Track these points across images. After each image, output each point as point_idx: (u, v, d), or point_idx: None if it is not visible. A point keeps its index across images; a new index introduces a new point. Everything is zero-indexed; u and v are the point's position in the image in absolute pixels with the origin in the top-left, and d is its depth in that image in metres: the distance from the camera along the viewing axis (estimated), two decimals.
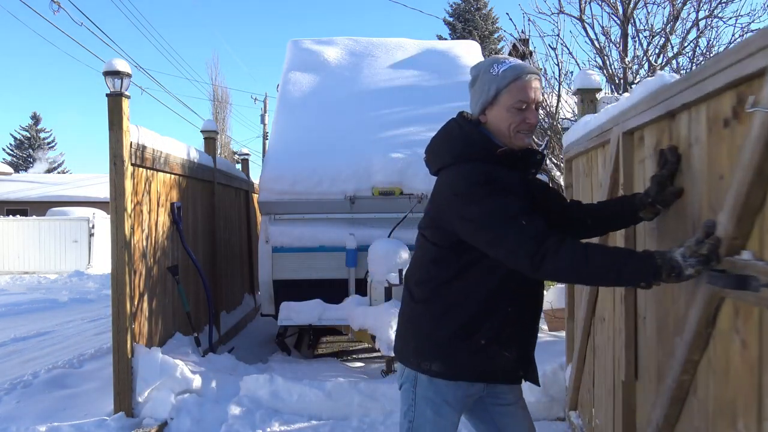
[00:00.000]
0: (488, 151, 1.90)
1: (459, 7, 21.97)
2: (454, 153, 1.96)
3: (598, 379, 3.31)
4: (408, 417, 2.07)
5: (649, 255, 1.64)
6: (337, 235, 5.57)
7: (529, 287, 1.96)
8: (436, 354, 1.94)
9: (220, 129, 27.84)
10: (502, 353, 1.92)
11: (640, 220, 2.07)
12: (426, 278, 2.00)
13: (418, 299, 2.01)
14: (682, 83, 1.86)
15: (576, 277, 1.83)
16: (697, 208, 1.82)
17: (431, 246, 1.99)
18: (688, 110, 1.88)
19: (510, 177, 1.89)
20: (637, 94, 2.32)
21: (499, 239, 1.77)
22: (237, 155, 12.07)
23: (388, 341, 4.61)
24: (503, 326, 1.92)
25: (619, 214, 2.09)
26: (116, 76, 3.99)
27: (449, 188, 1.91)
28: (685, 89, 1.81)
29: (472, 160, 1.90)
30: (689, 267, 1.58)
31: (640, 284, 1.66)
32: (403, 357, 2.06)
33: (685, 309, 1.87)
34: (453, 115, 2.17)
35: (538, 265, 1.70)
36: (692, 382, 1.86)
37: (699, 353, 1.79)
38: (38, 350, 6.64)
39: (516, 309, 1.93)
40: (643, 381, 2.44)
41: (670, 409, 1.97)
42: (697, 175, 1.83)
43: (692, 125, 1.86)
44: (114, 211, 4.04)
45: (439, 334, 1.94)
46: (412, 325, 2.03)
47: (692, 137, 1.86)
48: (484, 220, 1.79)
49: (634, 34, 5.47)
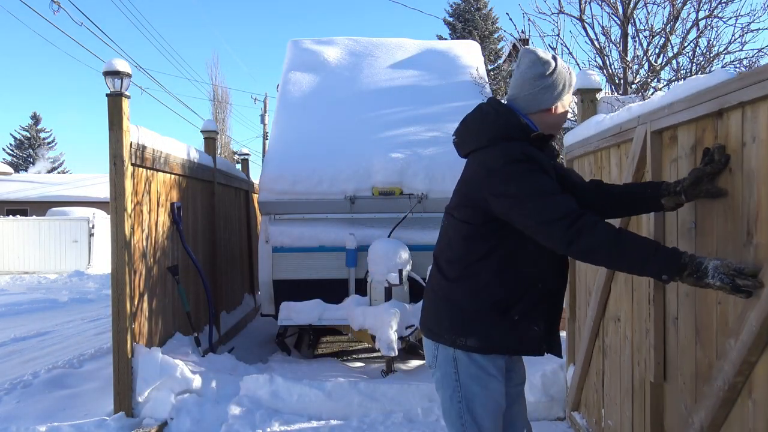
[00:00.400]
0: (525, 133, 2.02)
1: (459, 7, 21.95)
2: (491, 134, 2.03)
3: (609, 379, 3.29)
4: (456, 398, 2.09)
5: (676, 251, 1.72)
6: (337, 235, 5.57)
7: (558, 265, 2.05)
8: (471, 329, 2.01)
9: (220, 129, 27.84)
10: (532, 328, 2.01)
11: (662, 207, 2.10)
12: (458, 256, 2.06)
13: (451, 277, 2.08)
14: (739, 81, 1.83)
15: (605, 256, 1.85)
16: (754, 210, 1.79)
17: (462, 224, 2.06)
18: (742, 108, 1.86)
19: (544, 158, 1.99)
20: (676, 93, 2.30)
21: (537, 214, 1.84)
22: (237, 155, 12.06)
23: (388, 341, 4.61)
24: (534, 303, 2.00)
25: (642, 199, 2.12)
26: (116, 76, 3.99)
27: (485, 167, 1.99)
28: (744, 87, 1.78)
29: (511, 140, 1.99)
30: (716, 281, 1.65)
31: (661, 277, 1.73)
32: (436, 334, 2.11)
33: (739, 310, 1.84)
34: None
35: (572, 240, 1.77)
36: (745, 384, 1.84)
37: (757, 354, 1.76)
38: (38, 350, 6.64)
39: (546, 286, 2.02)
40: (673, 382, 2.42)
41: (719, 411, 1.95)
42: (752, 176, 1.80)
43: (747, 124, 1.84)
44: (114, 211, 4.04)
45: (474, 309, 2.01)
46: (446, 303, 2.09)
47: (747, 136, 1.84)
48: (522, 196, 1.87)
49: (634, 34, 5.47)
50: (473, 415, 2.05)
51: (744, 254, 1.85)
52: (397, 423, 4.10)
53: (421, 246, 5.44)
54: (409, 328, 4.88)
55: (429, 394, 4.36)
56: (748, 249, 1.83)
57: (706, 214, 2.09)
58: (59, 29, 15.59)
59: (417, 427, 4.02)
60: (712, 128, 2.05)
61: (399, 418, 4.16)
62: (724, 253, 1.98)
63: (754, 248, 1.79)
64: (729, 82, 1.89)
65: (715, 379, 1.97)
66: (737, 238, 1.89)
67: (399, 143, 5.86)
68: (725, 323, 1.96)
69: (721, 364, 1.93)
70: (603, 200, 2.15)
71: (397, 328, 4.71)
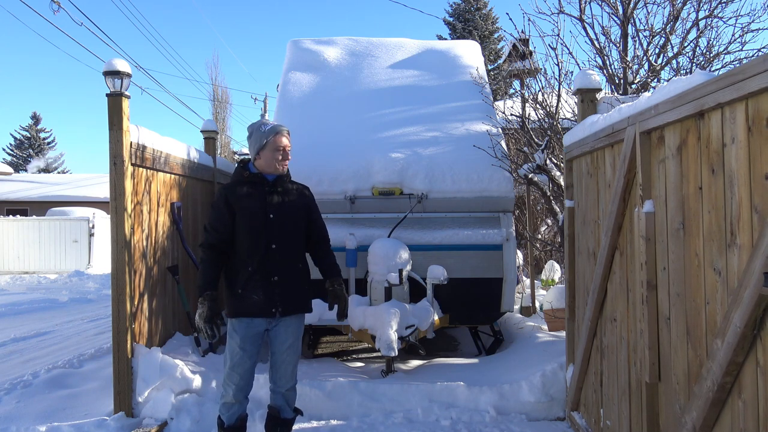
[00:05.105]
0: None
1: (459, 7, 21.95)
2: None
3: (607, 379, 3.29)
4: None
5: (202, 289, 3.27)
6: (337, 235, 5.55)
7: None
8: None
9: (220, 129, 27.83)
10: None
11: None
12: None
13: None
14: (716, 83, 1.83)
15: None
16: (737, 209, 1.80)
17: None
18: (721, 109, 1.86)
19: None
20: (661, 94, 2.31)
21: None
22: (237, 155, 12.05)
23: (388, 341, 4.61)
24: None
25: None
26: (116, 76, 3.99)
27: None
28: (721, 89, 1.79)
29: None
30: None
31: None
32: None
33: (725, 310, 1.84)
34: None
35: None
36: (734, 384, 1.85)
37: (743, 355, 1.77)
38: (38, 350, 6.64)
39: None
40: (667, 382, 2.42)
41: (709, 411, 1.96)
42: (734, 177, 1.81)
43: (726, 125, 1.84)
44: (114, 211, 4.04)
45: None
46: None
47: (727, 137, 1.84)
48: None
49: (634, 34, 5.46)
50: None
51: (728, 254, 1.85)
52: (397, 423, 4.10)
53: (421, 246, 5.45)
54: (409, 328, 4.87)
55: (429, 394, 4.36)
56: (732, 249, 1.83)
57: (692, 215, 2.10)
58: (59, 29, 15.59)
59: (417, 427, 4.02)
60: (695, 129, 2.06)
61: (399, 418, 4.16)
62: (709, 253, 1.99)
63: (738, 249, 1.80)
64: (707, 84, 1.90)
65: (705, 380, 1.97)
66: (721, 238, 1.90)
67: (399, 143, 5.86)
68: (714, 323, 1.96)
69: (710, 364, 1.93)
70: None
71: (397, 328, 4.71)
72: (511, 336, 6.07)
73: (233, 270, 3.27)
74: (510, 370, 4.74)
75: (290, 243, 3.32)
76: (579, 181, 3.89)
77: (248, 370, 3.31)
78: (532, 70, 6.64)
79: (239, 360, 3.27)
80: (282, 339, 3.34)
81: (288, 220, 3.30)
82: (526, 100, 6.61)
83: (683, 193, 2.21)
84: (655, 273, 2.51)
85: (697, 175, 2.08)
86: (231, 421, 3.34)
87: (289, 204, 3.33)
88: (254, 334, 3.29)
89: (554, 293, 5.92)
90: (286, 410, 3.46)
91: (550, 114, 5.71)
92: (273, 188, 3.31)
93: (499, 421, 4.12)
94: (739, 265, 1.77)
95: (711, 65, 5.15)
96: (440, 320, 5.34)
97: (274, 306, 3.24)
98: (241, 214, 3.23)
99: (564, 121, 5.92)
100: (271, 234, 3.23)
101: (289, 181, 3.44)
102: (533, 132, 6.08)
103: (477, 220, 5.58)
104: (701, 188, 2.06)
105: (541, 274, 8.24)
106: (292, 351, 3.40)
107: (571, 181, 4.06)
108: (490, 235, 5.46)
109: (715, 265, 1.96)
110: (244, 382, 3.32)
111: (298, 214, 3.37)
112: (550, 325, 5.80)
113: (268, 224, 3.23)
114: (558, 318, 5.63)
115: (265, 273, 3.22)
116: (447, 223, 5.60)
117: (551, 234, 9.25)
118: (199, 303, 3.19)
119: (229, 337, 3.32)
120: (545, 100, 5.87)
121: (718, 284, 1.92)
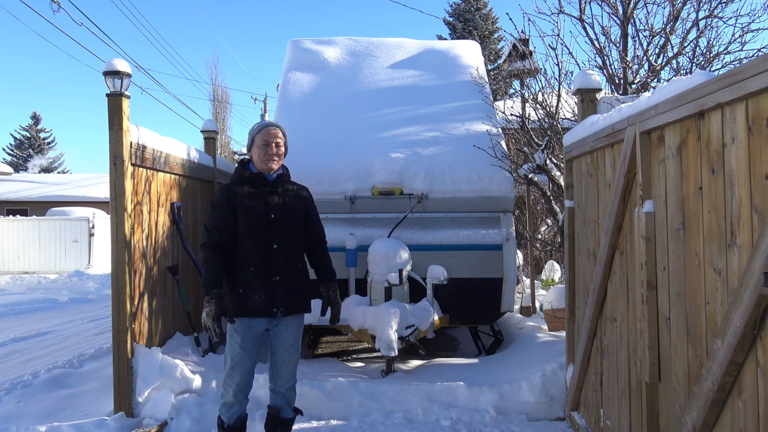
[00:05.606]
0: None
1: (459, 7, 21.95)
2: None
3: (607, 379, 3.29)
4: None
5: (208, 287, 3.20)
6: (337, 235, 5.56)
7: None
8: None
9: (220, 129, 27.83)
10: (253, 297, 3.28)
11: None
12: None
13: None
14: (716, 83, 1.83)
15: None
16: (737, 209, 1.80)
17: None
18: (721, 109, 1.86)
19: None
20: (661, 94, 2.30)
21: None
22: (237, 155, 12.05)
23: (388, 341, 4.61)
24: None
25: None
26: (116, 76, 3.99)
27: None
28: (721, 89, 1.79)
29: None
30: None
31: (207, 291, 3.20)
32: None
33: (725, 310, 1.84)
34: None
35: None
36: (734, 384, 1.85)
37: (743, 355, 1.77)
38: (38, 350, 6.64)
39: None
40: (667, 382, 2.42)
41: (709, 411, 1.96)
42: (734, 177, 1.81)
43: (727, 125, 1.84)
44: (114, 211, 4.04)
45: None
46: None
47: (727, 137, 1.84)
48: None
49: (634, 34, 5.46)
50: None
51: (728, 254, 1.85)
52: (397, 423, 4.10)
53: (421, 246, 5.44)
54: (409, 328, 4.87)
55: (429, 394, 4.36)
56: (732, 249, 1.83)
57: (692, 215, 2.09)
58: (59, 29, 15.60)
59: (417, 427, 4.02)
60: (695, 129, 2.06)
61: (399, 418, 4.16)
62: (709, 253, 1.98)
63: (738, 248, 1.80)
64: (707, 84, 1.90)
65: (705, 380, 1.97)
66: (721, 238, 1.90)
67: (399, 143, 5.86)
68: (714, 323, 1.96)
69: (710, 364, 1.93)
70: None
71: (397, 328, 4.71)
72: (511, 336, 6.07)
73: (234, 270, 3.27)
74: (510, 370, 4.74)
75: (291, 243, 3.32)
76: (579, 181, 3.89)
77: (249, 369, 3.31)
78: (532, 70, 6.64)
79: (240, 360, 3.27)
80: (282, 339, 3.34)
81: (289, 220, 3.31)
82: (526, 100, 6.61)
83: (683, 193, 2.21)
84: (655, 273, 2.51)
85: (697, 175, 2.08)
86: (231, 421, 3.34)
87: (290, 204, 3.34)
88: (255, 334, 3.29)
89: (554, 293, 5.92)
90: (286, 410, 3.46)
91: (550, 114, 5.71)
92: (273, 188, 3.33)
93: (499, 421, 4.13)
94: (739, 265, 1.77)
95: (711, 65, 5.15)
96: (440, 320, 5.34)
97: (276, 306, 3.25)
98: (243, 213, 3.23)
99: (564, 121, 5.91)
100: (273, 234, 3.24)
101: (289, 182, 3.45)
102: (533, 132, 6.07)
103: (477, 220, 5.58)
104: (701, 188, 2.06)
105: (541, 274, 8.24)
106: (293, 351, 3.39)
107: (571, 181, 4.06)
108: (490, 235, 5.46)
109: (715, 265, 1.96)
110: (245, 382, 3.32)
111: (298, 214, 3.38)
112: (550, 325, 5.80)
113: (270, 224, 3.24)
114: (558, 318, 5.63)
115: (266, 273, 3.23)
116: (447, 223, 5.60)
117: (551, 234, 9.25)
118: (206, 302, 3.18)
119: (229, 337, 3.32)
120: (545, 100, 5.87)
121: (718, 284, 1.92)
